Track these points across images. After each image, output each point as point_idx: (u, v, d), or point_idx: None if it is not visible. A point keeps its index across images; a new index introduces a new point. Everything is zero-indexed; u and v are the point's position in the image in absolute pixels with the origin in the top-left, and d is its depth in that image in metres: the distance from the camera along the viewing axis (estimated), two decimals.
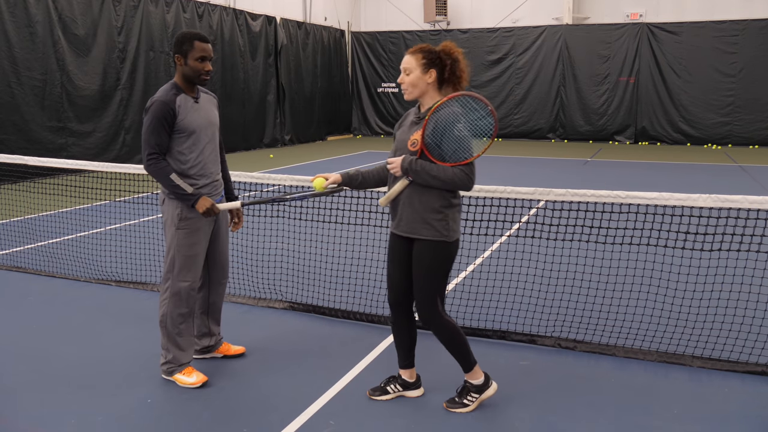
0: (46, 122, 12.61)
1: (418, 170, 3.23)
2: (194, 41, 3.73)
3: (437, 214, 3.28)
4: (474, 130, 3.17)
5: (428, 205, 3.29)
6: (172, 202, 3.81)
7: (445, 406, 3.56)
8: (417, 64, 3.29)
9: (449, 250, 3.35)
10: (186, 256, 3.81)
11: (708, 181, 12.32)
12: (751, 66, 19.07)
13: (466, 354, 3.52)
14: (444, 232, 3.30)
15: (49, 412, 3.55)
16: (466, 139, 3.17)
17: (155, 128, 3.68)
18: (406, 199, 3.34)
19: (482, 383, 3.55)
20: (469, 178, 3.21)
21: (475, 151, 3.22)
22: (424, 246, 3.34)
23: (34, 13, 12.28)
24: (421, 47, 3.34)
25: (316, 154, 17.45)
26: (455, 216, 3.36)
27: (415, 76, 3.30)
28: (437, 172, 3.20)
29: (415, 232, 3.34)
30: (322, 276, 5.90)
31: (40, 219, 8.41)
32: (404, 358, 3.69)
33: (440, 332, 3.47)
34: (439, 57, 3.30)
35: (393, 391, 3.71)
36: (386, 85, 23.42)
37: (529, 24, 21.48)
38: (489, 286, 5.39)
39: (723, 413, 3.54)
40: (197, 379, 3.86)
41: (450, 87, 3.34)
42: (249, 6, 18.68)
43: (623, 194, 4.07)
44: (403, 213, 3.37)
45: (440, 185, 3.23)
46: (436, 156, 3.23)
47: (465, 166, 3.19)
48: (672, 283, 5.35)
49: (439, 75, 3.30)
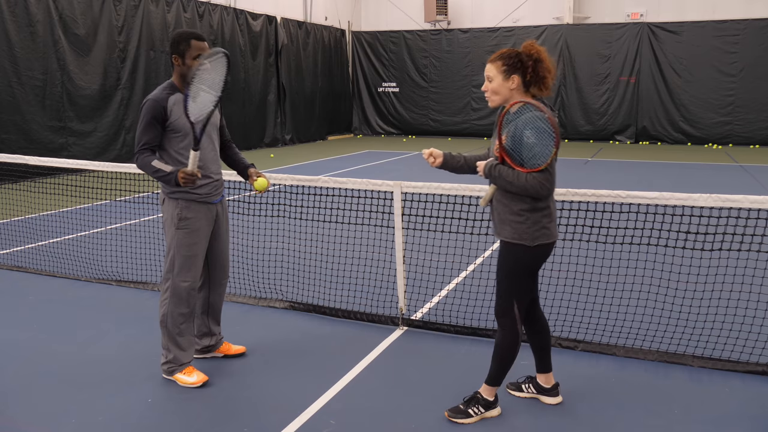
0: (47, 122, 12.61)
1: (495, 176, 3.24)
2: (191, 40, 3.72)
3: (518, 216, 3.26)
4: (543, 137, 3.12)
5: (508, 208, 3.28)
6: (171, 201, 3.81)
7: (446, 415, 3.50)
8: (498, 71, 3.26)
9: (529, 254, 3.28)
10: (186, 255, 3.81)
11: (708, 180, 12.31)
12: (752, 65, 19.06)
13: (503, 369, 3.46)
14: (523, 236, 3.25)
15: (49, 412, 3.55)
16: (538, 146, 3.12)
17: (145, 126, 3.70)
18: (495, 201, 3.37)
19: (491, 401, 3.52)
20: (542, 185, 3.14)
21: (548, 157, 3.14)
22: (504, 246, 3.35)
23: (35, 13, 12.29)
24: (501, 53, 3.29)
25: (316, 154, 17.45)
26: (540, 220, 3.26)
27: (497, 84, 3.27)
28: (512, 178, 3.18)
29: (499, 234, 3.36)
30: (323, 276, 5.90)
31: (40, 219, 8.41)
32: (537, 361, 3.66)
33: (501, 334, 3.44)
34: (521, 60, 3.24)
35: (527, 391, 3.73)
36: (387, 85, 23.42)
37: (529, 24, 21.47)
38: (489, 286, 5.39)
39: (723, 413, 3.54)
40: (198, 379, 3.86)
41: (535, 88, 3.28)
42: (249, 5, 18.68)
43: (623, 194, 4.06)
44: (493, 215, 3.41)
45: (516, 191, 3.20)
46: (516, 162, 3.20)
47: (538, 173, 3.14)
48: (672, 282, 5.35)
49: (522, 79, 3.25)
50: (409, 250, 6.13)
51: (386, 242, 6.64)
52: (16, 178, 9.64)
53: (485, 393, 3.51)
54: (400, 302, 4.77)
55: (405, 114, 23.28)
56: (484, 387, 3.51)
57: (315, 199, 6.13)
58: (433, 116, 22.95)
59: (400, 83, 23.24)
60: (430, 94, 22.89)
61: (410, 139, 22.49)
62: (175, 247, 3.82)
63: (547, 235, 3.28)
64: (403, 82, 23.19)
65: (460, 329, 4.65)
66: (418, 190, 4.65)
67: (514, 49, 3.29)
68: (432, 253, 6.01)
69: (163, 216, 3.91)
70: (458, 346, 4.44)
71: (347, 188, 4.85)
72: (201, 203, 3.84)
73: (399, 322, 4.79)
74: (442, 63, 22.59)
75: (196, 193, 3.81)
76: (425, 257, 6.04)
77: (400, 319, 4.79)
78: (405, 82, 23.17)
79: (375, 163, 15.26)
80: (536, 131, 3.10)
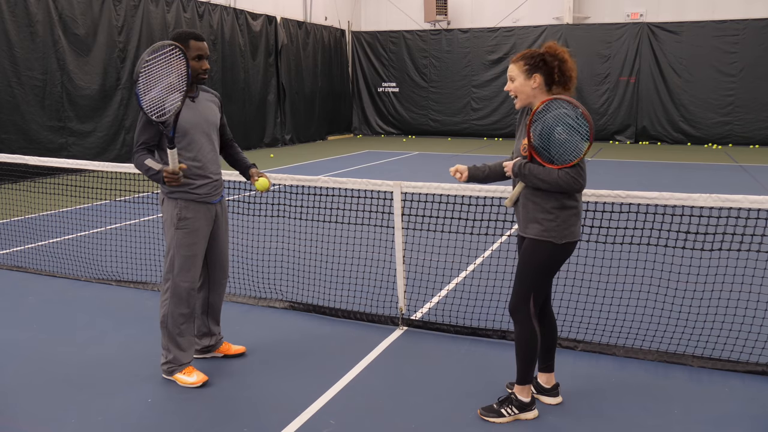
0: (47, 122, 12.61)
1: (526, 174, 3.26)
2: (189, 40, 3.72)
3: (548, 214, 3.28)
4: (573, 133, 3.15)
5: (540, 206, 3.29)
6: (171, 201, 3.81)
7: (479, 413, 3.50)
8: (520, 71, 3.30)
9: (555, 252, 3.31)
10: (185, 255, 3.81)
11: (708, 180, 12.32)
12: (752, 65, 19.06)
13: (528, 366, 3.45)
14: (552, 233, 3.28)
15: (49, 412, 3.55)
16: (568, 142, 3.16)
17: (143, 126, 3.73)
18: (522, 199, 3.38)
19: (527, 403, 3.49)
20: (575, 180, 3.18)
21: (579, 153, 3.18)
22: (531, 242, 3.35)
23: (35, 13, 12.28)
24: (523, 54, 3.33)
25: (316, 154, 17.45)
26: (569, 219, 3.30)
27: (519, 84, 3.31)
28: (543, 175, 3.21)
29: (526, 231, 3.37)
30: (323, 276, 5.90)
31: (40, 219, 8.41)
32: (540, 361, 3.64)
33: (518, 330, 3.44)
34: (544, 60, 3.28)
35: None
36: (386, 85, 23.42)
37: (529, 24, 21.47)
38: (489, 286, 5.39)
39: (723, 413, 3.54)
40: (198, 379, 3.86)
41: (560, 87, 3.31)
42: (249, 5, 18.68)
43: (623, 194, 4.07)
44: (520, 213, 3.41)
45: (548, 187, 3.23)
46: (545, 159, 3.23)
47: (570, 168, 3.18)
48: (672, 282, 5.35)
49: (546, 78, 3.29)
50: (408, 250, 6.13)
51: (386, 242, 6.64)
52: (16, 178, 9.64)
53: (519, 393, 3.49)
54: (400, 302, 4.77)
55: (405, 114, 23.28)
56: (517, 387, 3.50)
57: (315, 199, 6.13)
58: (433, 116, 22.95)
59: (399, 83, 23.24)
60: (430, 94, 22.89)
61: (410, 139, 22.48)
62: (175, 247, 3.82)
63: (574, 233, 3.33)
64: (403, 82, 23.19)
65: (459, 329, 4.65)
66: (417, 190, 4.65)
67: (537, 49, 3.33)
68: (432, 253, 6.01)
69: (162, 216, 3.91)
70: (458, 346, 4.45)
71: (347, 188, 4.85)
72: (200, 203, 3.84)
73: (399, 322, 4.79)
74: (442, 63, 22.59)
75: (195, 193, 3.80)
76: (425, 257, 6.04)
77: (400, 319, 4.79)
78: (405, 82, 23.16)
79: (375, 163, 15.26)
80: (567, 128, 3.14)
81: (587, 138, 3.18)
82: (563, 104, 3.19)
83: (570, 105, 3.18)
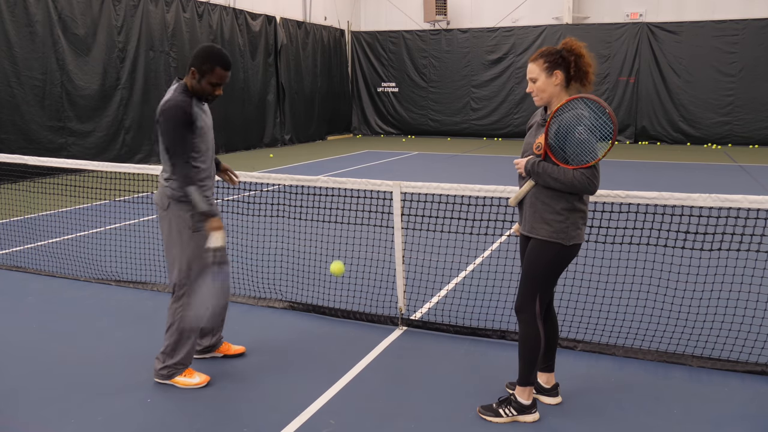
0: (46, 122, 12.61)
1: (539, 172, 3.23)
2: (216, 67, 3.63)
3: (557, 215, 3.27)
4: (594, 133, 3.13)
5: (550, 207, 3.27)
6: (182, 205, 3.71)
7: (478, 411, 3.51)
8: (540, 69, 3.27)
9: (563, 253, 3.30)
10: (204, 259, 3.75)
11: (708, 180, 12.32)
12: (751, 65, 19.06)
13: (530, 367, 3.44)
14: (561, 234, 3.27)
15: (49, 412, 3.55)
16: (588, 142, 3.13)
17: (182, 135, 3.58)
18: (530, 199, 3.35)
19: (527, 405, 3.47)
20: (590, 181, 3.16)
21: (598, 153, 3.16)
22: (538, 243, 3.33)
23: (34, 13, 12.28)
24: (540, 52, 3.31)
25: (316, 154, 17.45)
26: (577, 221, 3.29)
27: (541, 82, 3.28)
28: (558, 175, 3.19)
29: (533, 231, 3.34)
30: (322, 276, 5.90)
31: (40, 219, 8.41)
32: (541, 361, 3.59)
33: (523, 329, 3.43)
34: (562, 56, 3.26)
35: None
36: (386, 85, 23.42)
37: (529, 24, 21.47)
38: (489, 286, 5.39)
39: (723, 413, 3.54)
40: (201, 380, 3.85)
41: (577, 83, 3.30)
42: (249, 5, 18.68)
43: (623, 194, 4.07)
44: (526, 213, 3.39)
45: (561, 187, 3.21)
46: (559, 158, 3.21)
47: (586, 169, 3.16)
48: (672, 282, 5.36)
49: (565, 74, 3.27)
50: (408, 250, 6.13)
51: (386, 242, 6.64)
52: (16, 178, 9.64)
53: (519, 395, 3.48)
54: (400, 302, 4.77)
55: (404, 114, 23.28)
56: (518, 389, 3.49)
57: (314, 199, 6.13)
58: (433, 116, 22.94)
59: (399, 83, 23.24)
60: (430, 94, 22.89)
61: (409, 139, 22.48)
62: (193, 251, 3.72)
63: (580, 235, 3.33)
64: (403, 82, 23.19)
65: (459, 329, 4.65)
66: (417, 190, 4.65)
67: (554, 46, 3.31)
68: (432, 253, 6.02)
69: (163, 222, 3.80)
70: (458, 346, 4.45)
71: (347, 188, 4.85)
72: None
73: (398, 322, 4.79)
74: (442, 63, 22.59)
75: (206, 195, 3.77)
76: (425, 257, 6.05)
77: (400, 319, 4.79)
78: (404, 82, 23.16)
79: (374, 163, 15.26)
80: (587, 128, 3.13)
81: (610, 137, 3.15)
82: (581, 104, 3.16)
83: (593, 104, 3.15)
